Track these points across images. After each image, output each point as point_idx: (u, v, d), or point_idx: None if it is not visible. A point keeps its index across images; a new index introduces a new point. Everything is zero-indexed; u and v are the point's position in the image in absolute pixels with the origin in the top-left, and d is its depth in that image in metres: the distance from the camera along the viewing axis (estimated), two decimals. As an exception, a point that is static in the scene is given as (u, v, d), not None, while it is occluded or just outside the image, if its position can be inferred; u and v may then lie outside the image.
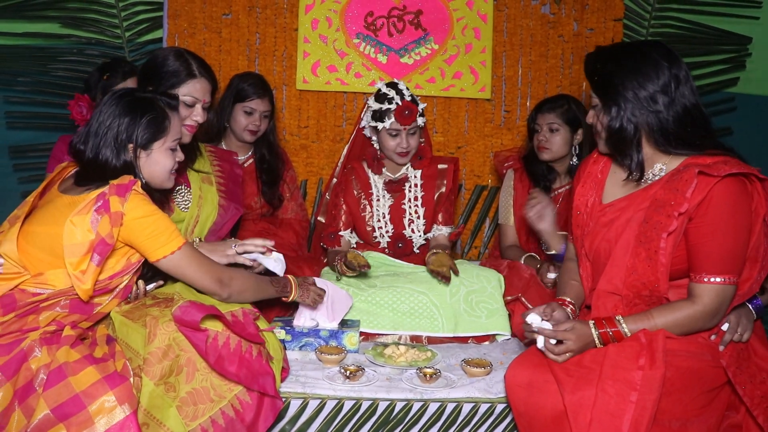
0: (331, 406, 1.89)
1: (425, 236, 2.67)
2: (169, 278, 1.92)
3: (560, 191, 2.73)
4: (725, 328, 1.75)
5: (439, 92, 3.24)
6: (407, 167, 2.69)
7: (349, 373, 1.95)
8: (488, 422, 1.91)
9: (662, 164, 1.78)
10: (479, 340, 2.39)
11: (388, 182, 2.69)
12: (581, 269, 1.94)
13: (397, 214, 2.67)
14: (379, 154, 2.68)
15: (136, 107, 1.80)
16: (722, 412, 1.71)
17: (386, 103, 2.55)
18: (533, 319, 1.75)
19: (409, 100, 2.55)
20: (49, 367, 1.59)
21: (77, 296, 1.69)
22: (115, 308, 1.81)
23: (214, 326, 1.72)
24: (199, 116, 2.12)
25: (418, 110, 2.56)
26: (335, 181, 2.84)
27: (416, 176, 2.69)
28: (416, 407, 1.90)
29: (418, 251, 2.69)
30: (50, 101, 3.15)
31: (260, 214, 2.86)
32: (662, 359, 1.59)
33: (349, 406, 1.90)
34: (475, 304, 2.40)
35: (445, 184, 2.68)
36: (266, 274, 2.07)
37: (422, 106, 2.60)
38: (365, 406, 1.90)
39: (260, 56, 3.21)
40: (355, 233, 2.71)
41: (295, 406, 1.89)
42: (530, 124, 2.74)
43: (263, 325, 1.88)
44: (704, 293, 1.68)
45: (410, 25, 3.22)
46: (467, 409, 1.91)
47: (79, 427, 1.53)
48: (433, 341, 2.36)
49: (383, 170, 2.68)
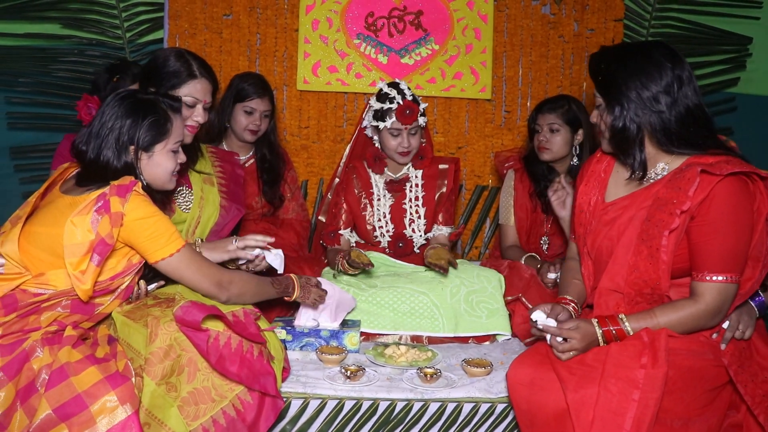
0: (331, 406, 1.89)
1: (426, 236, 2.67)
2: (170, 278, 1.92)
3: (560, 191, 2.73)
4: (726, 326, 1.75)
5: (439, 92, 3.24)
6: (408, 167, 2.69)
7: (349, 373, 1.95)
8: (489, 422, 1.92)
9: (665, 163, 1.78)
10: (480, 340, 2.40)
11: (389, 182, 2.69)
12: (583, 268, 1.94)
13: (397, 213, 2.67)
14: (380, 153, 2.68)
15: (138, 109, 1.80)
16: (724, 411, 1.71)
17: (388, 102, 2.55)
18: (538, 316, 1.75)
19: (410, 99, 2.55)
20: (51, 367, 1.59)
21: (78, 296, 1.69)
22: (116, 308, 1.81)
23: (215, 326, 1.72)
24: (200, 117, 2.12)
25: (419, 110, 2.56)
26: (337, 180, 2.84)
27: (417, 176, 2.69)
28: (417, 407, 1.91)
29: (418, 251, 2.68)
30: (51, 102, 3.16)
31: (261, 214, 2.86)
32: (665, 358, 1.59)
33: (349, 406, 1.90)
34: (475, 304, 2.40)
35: (445, 184, 2.68)
36: (268, 271, 2.07)
37: (423, 105, 2.60)
38: (366, 406, 1.90)
39: (261, 57, 3.21)
40: (355, 232, 2.71)
41: (295, 406, 1.89)
42: (531, 124, 2.74)
43: (264, 324, 1.89)
44: (706, 292, 1.69)
45: (411, 25, 3.22)
46: (468, 409, 1.91)
47: (81, 427, 1.53)
48: (433, 341, 2.36)
49: (384, 170, 2.68)
